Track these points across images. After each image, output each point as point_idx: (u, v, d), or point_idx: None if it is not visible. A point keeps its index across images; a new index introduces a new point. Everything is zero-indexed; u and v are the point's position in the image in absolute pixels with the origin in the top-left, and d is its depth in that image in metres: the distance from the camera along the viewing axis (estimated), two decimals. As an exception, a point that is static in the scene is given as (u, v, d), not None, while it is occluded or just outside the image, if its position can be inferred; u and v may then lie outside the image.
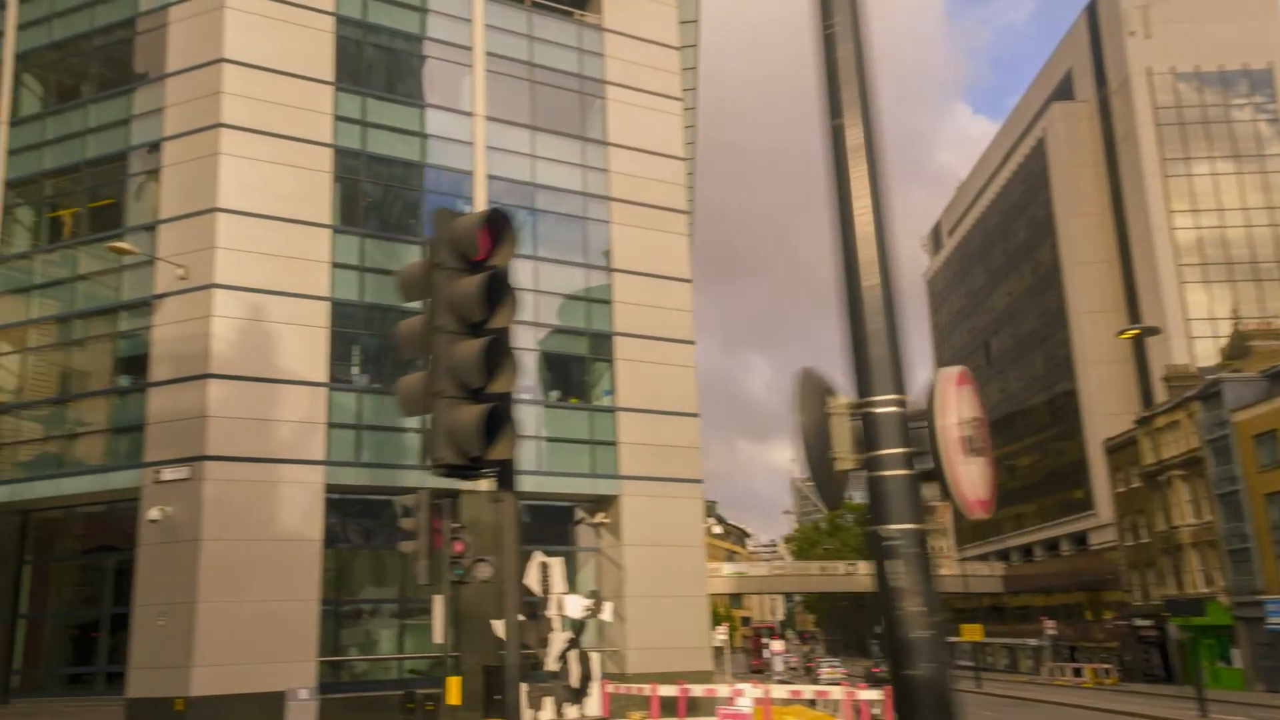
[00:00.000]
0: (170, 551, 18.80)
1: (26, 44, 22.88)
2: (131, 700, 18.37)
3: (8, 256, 22.01)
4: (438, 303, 5.51)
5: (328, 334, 20.61)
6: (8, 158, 22.44)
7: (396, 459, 21.03)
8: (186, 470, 19.03)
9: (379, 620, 21.34)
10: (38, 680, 21.33)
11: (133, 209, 21.12)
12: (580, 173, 24.10)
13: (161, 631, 18.42)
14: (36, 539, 21.93)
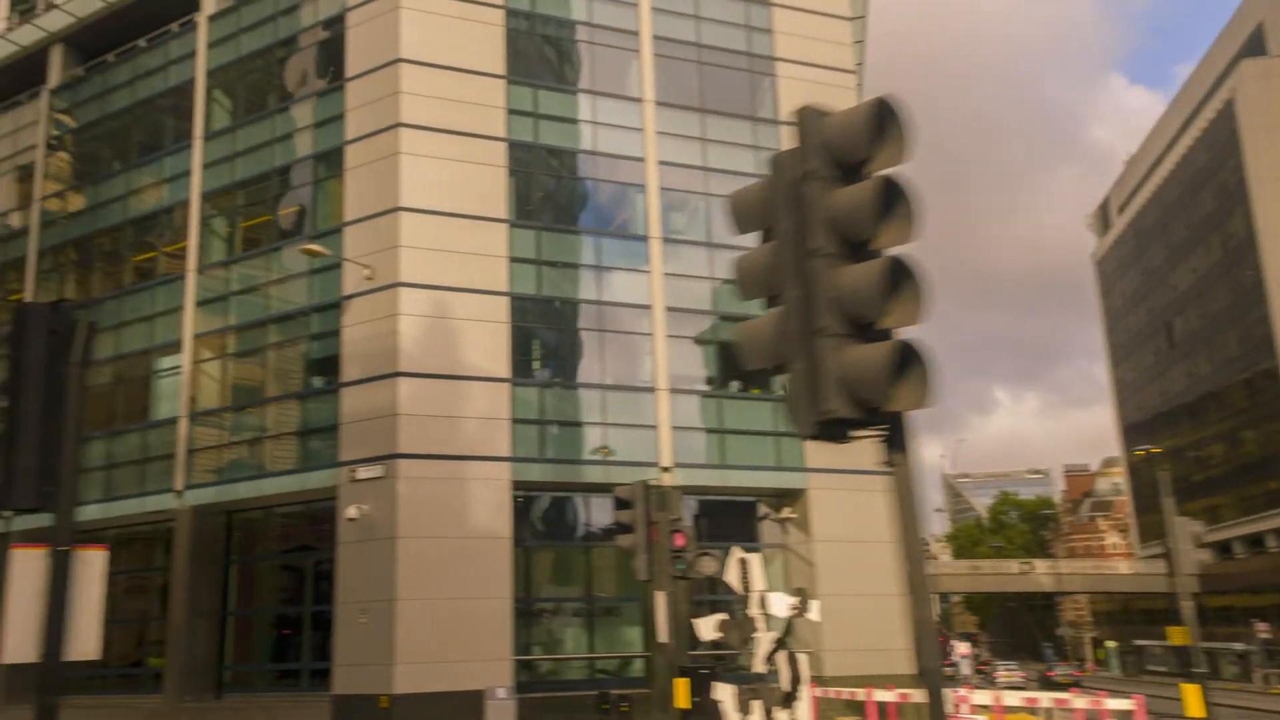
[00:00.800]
0: (368, 549, 18.97)
1: (216, 61, 23.76)
2: (337, 697, 18.61)
3: (206, 266, 22.84)
4: (808, 221, 4.58)
5: (508, 329, 20.44)
6: (203, 171, 23.33)
7: (579, 454, 20.65)
8: (380, 468, 19.16)
9: (567, 619, 21.01)
10: (247, 676, 22.02)
11: (320, 213, 21.55)
12: (753, 154, 23.18)
13: (363, 629, 18.59)
14: (240, 539, 22.68)
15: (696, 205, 22.80)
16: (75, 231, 25.60)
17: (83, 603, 6.42)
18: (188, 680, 21.41)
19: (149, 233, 24.36)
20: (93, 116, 26.03)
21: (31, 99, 27.37)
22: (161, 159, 24.31)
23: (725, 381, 22.24)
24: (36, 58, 27.55)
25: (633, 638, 21.27)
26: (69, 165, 26.41)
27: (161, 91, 24.73)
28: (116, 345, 24.06)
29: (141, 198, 24.52)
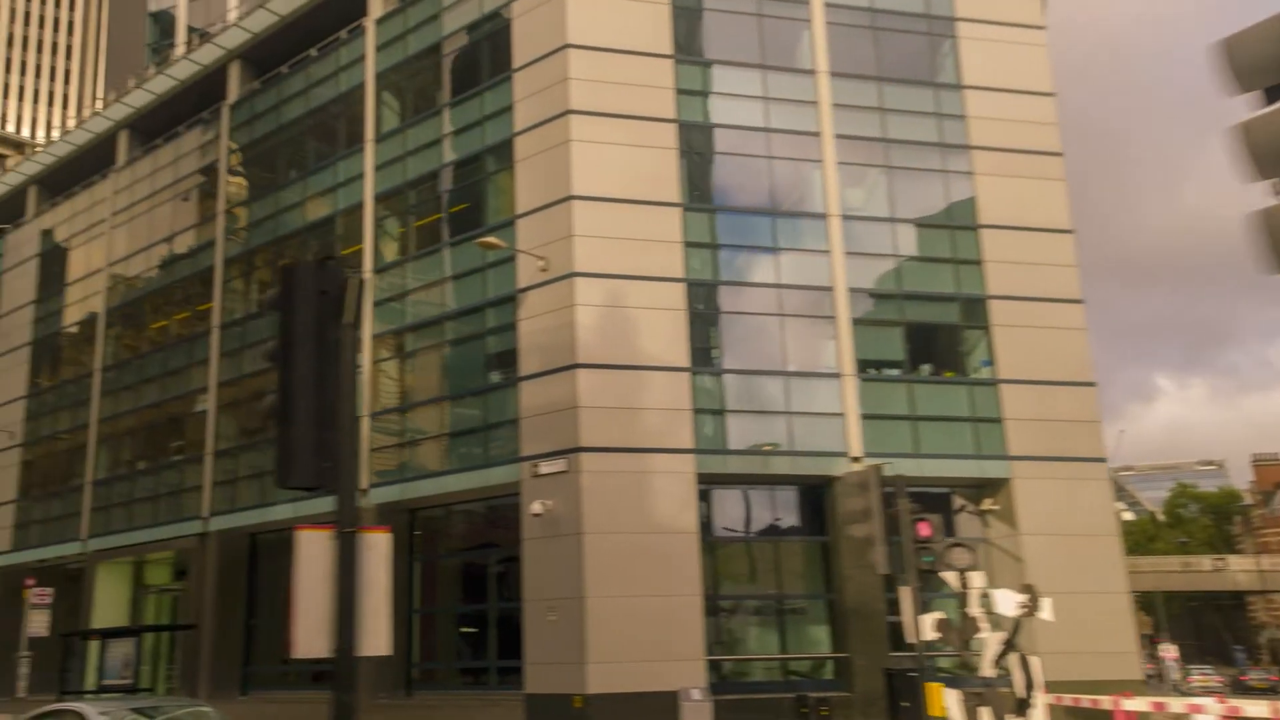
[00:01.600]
0: (554, 546, 18.58)
1: (384, 64, 24.03)
2: (530, 696, 18.29)
3: (381, 267, 23.08)
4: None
5: (685, 316, 19.72)
6: (374, 174, 23.61)
7: (763, 444, 19.69)
8: (563, 463, 18.75)
9: (757, 617, 20.09)
10: (434, 674, 22.09)
11: (491, 207, 21.38)
12: (935, 123, 21.71)
13: (553, 627, 18.21)
14: (423, 537, 22.80)
15: (877, 179, 21.49)
16: (256, 241, 26.44)
17: (371, 592, 5.91)
18: (379, 678, 21.61)
19: (326, 237, 24.85)
20: (269, 128, 26.82)
21: (213, 116, 28.48)
22: (335, 164, 24.77)
23: (915, 365, 20.85)
24: (216, 75, 28.69)
25: (822, 637, 20.18)
26: (249, 177, 27.31)
27: (333, 98, 25.22)
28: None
29: (317, 204, 25.06)
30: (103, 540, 28.84)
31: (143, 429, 28.80)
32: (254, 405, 25.75)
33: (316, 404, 5.76)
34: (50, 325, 32.89)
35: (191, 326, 27.87)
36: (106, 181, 31.77)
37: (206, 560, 25.71)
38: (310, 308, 5.87)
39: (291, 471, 5.75)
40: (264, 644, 25.79)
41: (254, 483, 24.93)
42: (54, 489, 31.06)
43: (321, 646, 5.65)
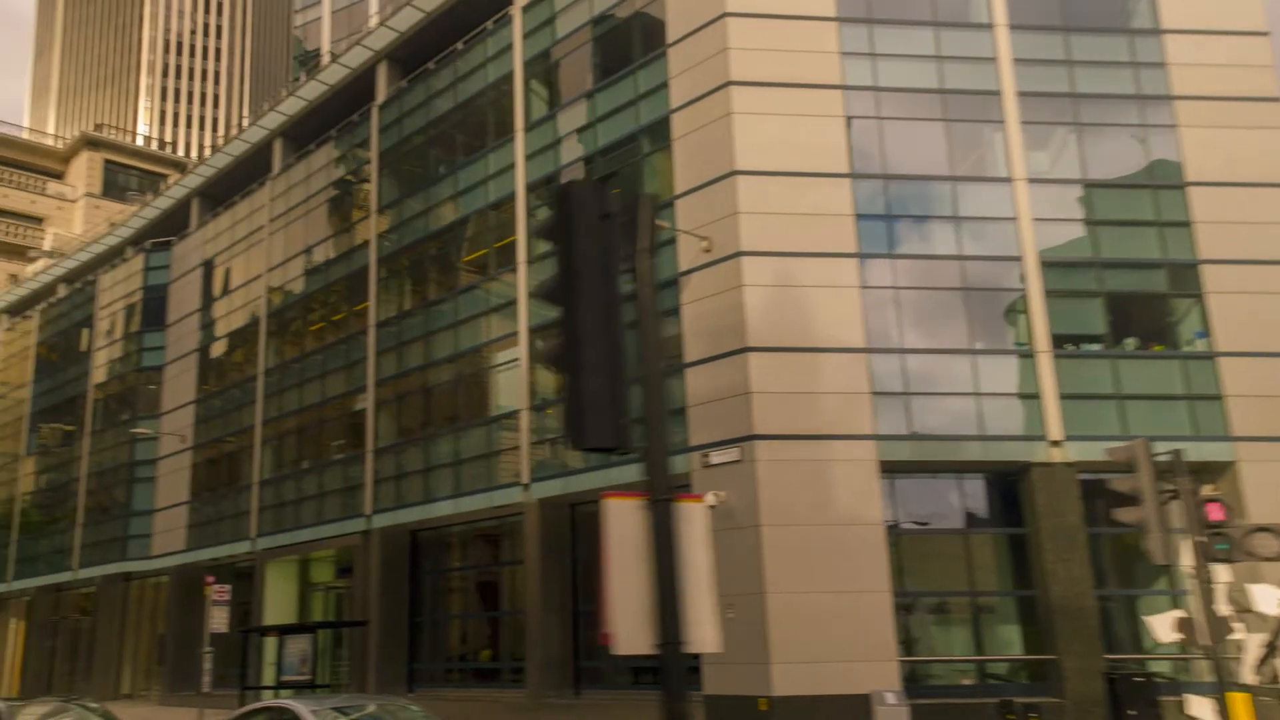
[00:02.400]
0: (728, 539, 17.61)
1: (531, 51, 23.63)
2: (710, 697, 17.40)
3: (536, 257, 22.64)
4: None
5: (860, 294, 18.45)
6: (525, 164, 23.21)
7: (952, 428, 18.23)
8: (736, 451, 17.79)
9: (949, 615, 18.63)
10: (600, 673, 21.46)
11: (650, 188, 20.60)
12: (1131, 73, 19.75)
13: (733, 625, 17.21)
14: (584, 533, 22.22)
15: (1065, 138, 19.68)
16: (409, 238, 26.48)
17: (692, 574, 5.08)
18: (546, 676, 21.17)
19: (478, 231, 24.64)
20: (418, 125, 26.85)
21: (362, 118, 28.78)
22: (485, 156, 24.51)
23: (1118, 338, 18.96)
24: (365, 78, 29.01)
25: (1019, 637, 18.55)
26: (400, 175, 27.42)
27: (481, 90, 25.00)
28: (455, 344, 24.52)
29: (468, 198, 24.87)
30: (270, 539, 29.54)
31: (305, 429, 29.36)
32: (412, 402, 25.82)
33: (608, 348, 4.95)
34: (215, 332, 34.05)
35: (348, 327, 28.20)
36: (263, 189, 32.64)
37: (370, 557, 25.89)
38: (594, 234, 5.07)
39: (585, 430, 4.95)
40: (428, 641, 25.82)
41: (415, 480, 24.93)
42: (223, 490, 32.10)
43: (643, 641, 4.82)
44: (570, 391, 5.05)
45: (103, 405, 38.66)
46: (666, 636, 4.76)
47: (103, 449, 37.75)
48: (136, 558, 35.09)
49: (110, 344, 38.88)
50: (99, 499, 37.47)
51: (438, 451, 24.53)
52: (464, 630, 25.67)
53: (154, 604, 36.71)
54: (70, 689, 38.29)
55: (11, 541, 42.05)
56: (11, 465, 43.60)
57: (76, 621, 40.11)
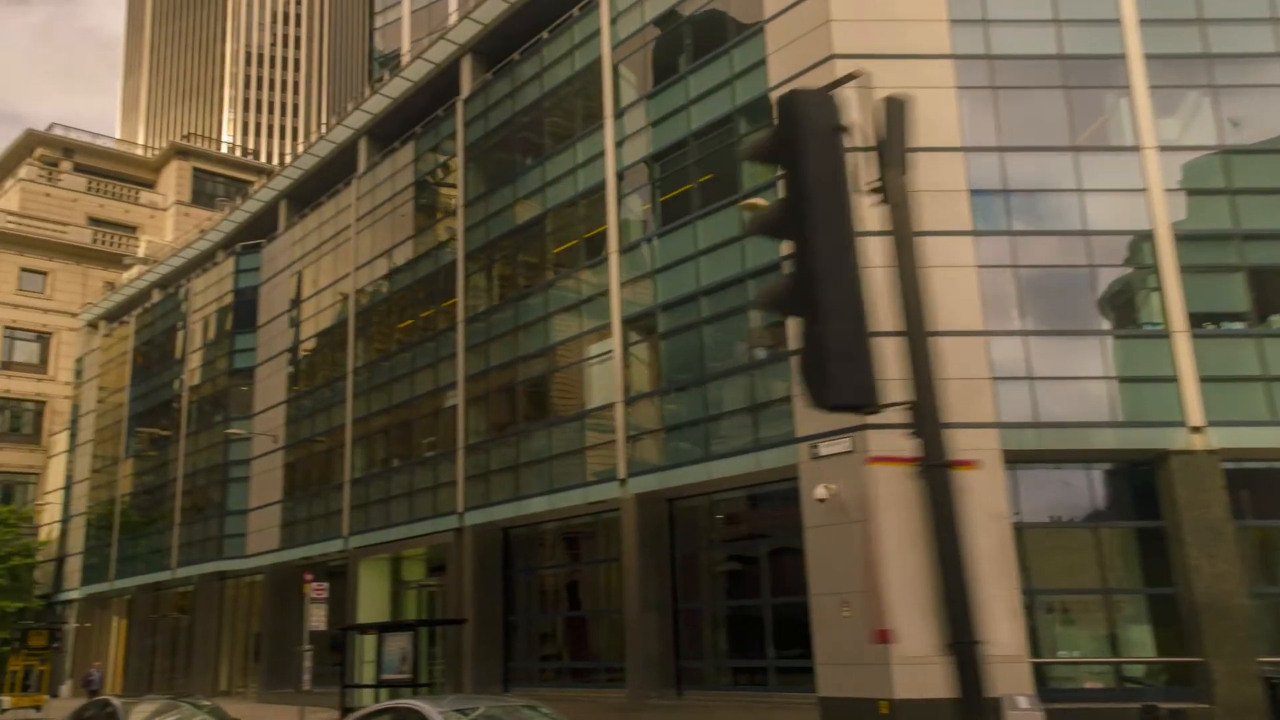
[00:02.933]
0: (841, 534, 16.79)
1: (619, 36, 23.07)
2: (826, 699, 16.59)
3: (627, 246, 22.07)
4: None
5: (976, 274, 17.41)
6: (615, 151, 22.66)
7: (1080, 415, 17.08)
8: (847, 442, 16.93)
9: (1079, 614, 17.46)
10: (700, 673, 20.79)
11: (746, 172, 19.86)
12: (1272, 30, 18.31)
13: (848, 624, 16.41)
14: (683, 528, 21.60)
15: (1198, 102, 18.35)
16: (496, 231, 26.16)
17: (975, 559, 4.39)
18: (646, 676, 20.57)
19: (568, 221, 24.19)
20: (504, 117, 26.52)
21: (447, 113, 28.59)
22: (573, 145, 24.04)
23: (1263, 316, 17.57)
24: (449, 73, 28.84)
25: (1150, 637, 17.30)
26: (485, 168, 27.14)
27: (568, 78, 24.53)
28: (545, 337, 24.10)
29: (557, 188, 24.42)
30: (362, 538, 29.55)
31: (395, 427, 29.30)
32: (502, 398, 25.47)
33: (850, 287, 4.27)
34: (304, 332, 34.31)
35: (436, 323, 28.03)
36: (349, 189, 32.75)
37: (463, 555, 25.64)
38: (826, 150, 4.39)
39: (829, 385, 4.26)
40: (523, 639, 25.45)
41: (506, 476, 24.57)
42: (315, 489, 32.27)
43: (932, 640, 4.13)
44: (807, 339, 4.37)
45: (197, 407, 39.37)
46: (960, 634, 4.03)
47: (198, 450, 38.42)
48: (232, 557, 35.58)
49: (203, 347, 39.59)
50: (195, 499, 38.15)
51: (530, 447, 24.14)
52: (558, 629, 25.23)
53: (249, 602, 37.22)
54: (170, 686, 39.07)
55: (113, 542, 43.14)
56: (111, 468, 44.77)
57: (175, 620, 40.95)
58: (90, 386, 48.34)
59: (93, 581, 44.47)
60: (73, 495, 48.24)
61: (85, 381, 49.03)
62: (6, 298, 51.60)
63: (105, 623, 45.49)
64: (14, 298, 51.86)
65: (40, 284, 52.95)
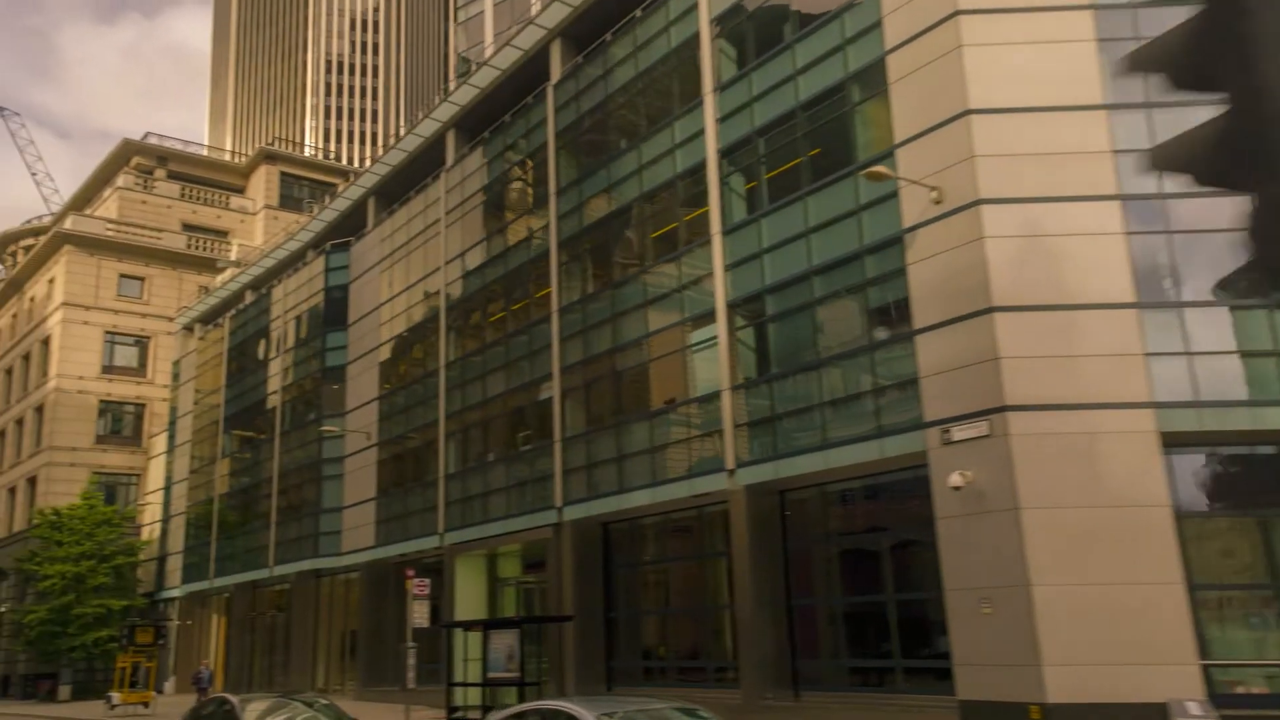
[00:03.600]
0: (979, 525, 15.57)
1: (718, 8, 22.11)
2: (966, 703, 15.39)
3: (731, 227, 21.11)
4: None
5: (1125, 241, 16.00)
6: (717, 127, 21.73)
7: (1247, 393, 15.54)
8: (984, 425, 15.69)
9: (1252, 612, 15.89)
10: (817, 673, 19.72)
11: (860, 142, 18.75)
12: None
13: (989, 622, 15.19)
14: (795, 521, 20.57)
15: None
16: (591, 218, 25.46)
17: None
18: (760, 676, 19.58)
19: (665, 204, 23.33)
20: (596, 100, 25.80)
21: (537, 99, 28.00)
22: (670, 125, 23.18)
23: None
24: (538, 59, 28.28)
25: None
26: (578, 154, 26.47)
27: (663, 56, 23.67)
28: (645, 325, 23.29)
29: (654, 170, 23.59)
30: (459, 534, 29.16)
31: (490, 421, 28.84)
32: (601, 388, 24.74)
33: None
34: (395, 328, 34.14)
35: (530, 314, 27.46)
36: (438, 183, 32.45)
37: (562, 551, 24.99)
38: None
39: None
40: (625, 637, 24.69)
41: (606, 469, 23.82)
42: (410, 485, 32.03)
43: None
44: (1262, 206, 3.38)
45: (290, 406, 39.65)
46: None
47: (292, 449, 38.67)
48: (327, 554, 35.64)
49: (295, 346, 39.84)
50: (290, 498, 38.40)
51: (631, 439, 23.35)
52: (662, 627, 24.38)
53: (344, 599, 37.29)
54: (270, 684, 39.43)
55: (212, 541, 43.80)
56: (209, 468, 45.49)
57: (272, 617, 41.36)
58: (187, 389, 49.28)
59: (193, 580, 45.25)
60: (172, 495, 49.24)
61: (182, 384, 50.01)
62: (107, 303, 52.98)
63: (205, 620, 46.27)
64: (114, 303, 53.22)
65: (138, 289, 54.26)
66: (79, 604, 44.42)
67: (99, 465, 51.39)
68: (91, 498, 47.18)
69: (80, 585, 44.81)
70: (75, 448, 51.13)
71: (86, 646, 44.33)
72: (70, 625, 44.36)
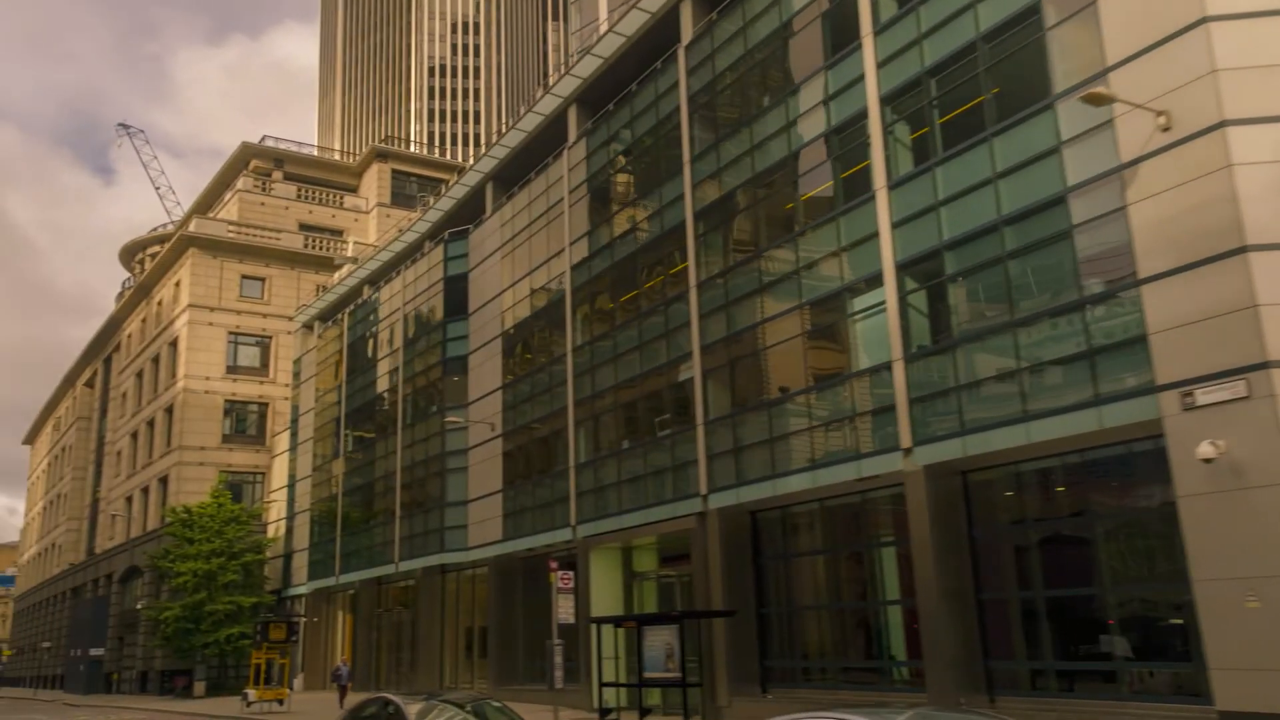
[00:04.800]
0: (1237, 503, 13.15)
1: (877, -61, 20.01)
2: (1228, 714, 12.99)
3: (898, 181, 19.00)
4: None
5: (1406, 163, 13.34)
6: (877, 73, 19.64)
7: None
8: (1239, 386, 13.25)
9: None
10: (1014, 675, 17.46)
11: (1059, 71, 16.39)
12: None
13: (1256, 618, 12.76)
14: (979, 504, 18.34)
15: None
16: (731, 183, 23.63)
17: None
18: (948, 677, 17.42)
19: (818, 161, 21.34)
20: (733, 58, 23.99)
21: (666, 64, 26.36)
22: (821, 75, 21.18)
23: None
24: (668, 19, 26.66)
25: None
26: (714, 117, 24.69)
27: (810, 1, 21.68)
28: (798, 294, 21.34)
29: (802, 126, 21.64)
30: (593, 525, 27.71)
31: (623, 406, 27.29)
32: (747, 366, 22.88)
33: None
34: (518, 314, 32.97)
35: (665, 291, 25.80)
36: (559, 161, 31.11)
37: (708, 541, 23.23)
38: None
39: None
40: (779, 634, 22.78)
41: (756, 452, 21.96)
42: (538, 477, 30.78)
43: None
44: None
45: (411, 399, 39.00)
46: None
47: (415, 442, 37.97)
48: (453, 549, 34.73)
49: (415, 338, 39.18)
50: (414, 493, 37.69)
51: (783, 420, 21.45)
52: (820, 623, 22.36)
53: (470, 595, 36.38)
54: (398, 682, 38.84)
55: (336, 537, 43.61)
56: (331, 464, 45.37)
57: (399, 614, 40.83)
58: (308, 386, 49.43)
59: (318, 577, 45.19)
60: (296, 493, 49.45)
61: (302, 382, 50.21)
62: (230, 304, 53.72)
63: (330, 617, 46.20)
64: (236, 304, 53.93)
65: (259, 290, 54.90)
66: (210, 601, 44.85)
67: (225, 464, 52.08)
68: (220, 495, 47.70)
69: (211, 582, 45.25)
70: (203, 447, 51.92)
71: (219, 643, 44.71)
72: (203, 622, 44.81)
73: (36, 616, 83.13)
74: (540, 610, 32.14)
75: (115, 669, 56.66)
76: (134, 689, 52.96)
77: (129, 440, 60.75)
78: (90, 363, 75.55)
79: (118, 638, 57.03)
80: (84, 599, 64.79)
